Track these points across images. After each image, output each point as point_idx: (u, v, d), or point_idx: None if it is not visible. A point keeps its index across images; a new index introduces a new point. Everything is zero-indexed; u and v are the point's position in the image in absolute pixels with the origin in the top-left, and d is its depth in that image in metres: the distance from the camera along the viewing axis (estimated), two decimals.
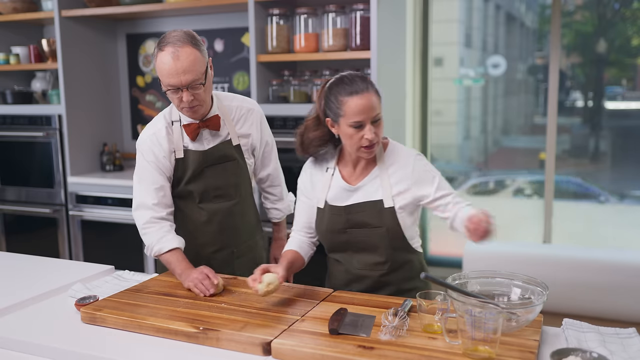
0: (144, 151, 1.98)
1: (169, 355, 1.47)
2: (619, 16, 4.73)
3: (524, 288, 1.58)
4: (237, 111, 2.07)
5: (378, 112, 1.70)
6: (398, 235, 1.78)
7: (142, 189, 1.97)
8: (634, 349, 1.40)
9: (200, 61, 1.83)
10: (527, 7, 6.19)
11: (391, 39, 3.30)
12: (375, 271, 1.82)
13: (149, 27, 4.10)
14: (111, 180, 3.71)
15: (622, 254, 3.65)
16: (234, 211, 2.07)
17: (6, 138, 4.01)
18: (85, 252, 3.87)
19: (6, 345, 1.59)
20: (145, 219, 1.94)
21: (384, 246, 1.79)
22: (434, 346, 1.39)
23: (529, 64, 5.73)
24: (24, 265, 2.24)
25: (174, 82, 1.81)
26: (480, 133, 6.04)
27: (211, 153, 2.00)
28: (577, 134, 5.16)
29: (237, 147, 2.05)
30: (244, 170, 2.09)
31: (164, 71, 1.81)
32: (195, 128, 1.96)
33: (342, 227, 1.80)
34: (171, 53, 1.79)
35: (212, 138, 2.01)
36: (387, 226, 1.76)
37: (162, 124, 2.00)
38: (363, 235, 1.79)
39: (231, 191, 2.06)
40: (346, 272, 1.87)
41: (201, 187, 2.01)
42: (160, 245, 1.91)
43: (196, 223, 2.05)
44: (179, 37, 1.81)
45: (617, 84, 5.00)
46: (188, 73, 1.80)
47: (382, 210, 1.76)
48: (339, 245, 1.84)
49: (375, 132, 1.69)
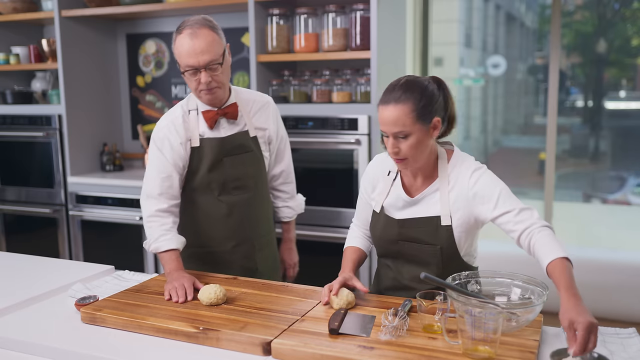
0: (157, 140, 1.99)
1: (169, 355, 1.47)
2: (619, 16, 4.74)
3: (524, 288, 1.58)
4: (254, 104, 2.09)
5: (400, 130, 1.57)
6: (453, 254, 1.68)
7: (149, 178, 1.99)
8: (634, 349, 1.40)
9: (218, 43, 1.88)
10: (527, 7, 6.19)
11: (391, 39, 3.30)
12: (424, 285, 1.66)
13: (149, 27, 4.10)
14: (111, 180, 3.71)
15: (621, 254, 3.65)
16: (253, 203, 2.08)
17: (6, 138, 4.01)
18: (85, 252, 3.87)
19: (6, 345, 1.59)
20: (150, 212, 1.95)
21: (436, 263, 1.69)
22: (434, 346, 1.39)
23: (529, 64, 5.73)
24: (24, 265, 2.24)
25: (192, 62, 1.84)
26: (480, 133, 6.04)
27: (228, 141, 2.01)
28: (577, 134, 5.16)
29: (254, 139, 2.07)
30: (261, 162, 2.10)
31: (183, 52, 1.85)
32: (213, 115, 1.98)
33: (395, 239, 1.73)
34: (189, 35, 1.85)
35: (229, 127, 2.02)
36: (441, 244, 1.66)
37: (179, 112, 2.01)
38: (415, 250, 1.71)
39: (250, 183, 2.07)
40: (394, 280, 1.80)
41: (220, 178, 2.02)
42: (157, 244, 1.92)
43: (216, 217, 2.05)
44: (196, 20, 1.88)
45: (617, 84, 5.00)
46: (206, 53, 1.84)
47: (438, 227, 1.66)
48: (391, 253, 1.78)
49: (398, 146, 1.59)
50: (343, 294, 1.65)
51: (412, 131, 1.57)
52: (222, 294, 1.69)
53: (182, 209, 2.09)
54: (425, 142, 1.61)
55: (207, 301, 1.68)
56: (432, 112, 1.60)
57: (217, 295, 1.68)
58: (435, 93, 1.62)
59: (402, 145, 1.59)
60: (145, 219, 1.98)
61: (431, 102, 1.59)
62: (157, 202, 1.95)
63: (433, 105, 1.60)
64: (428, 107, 1.58)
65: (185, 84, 4.06)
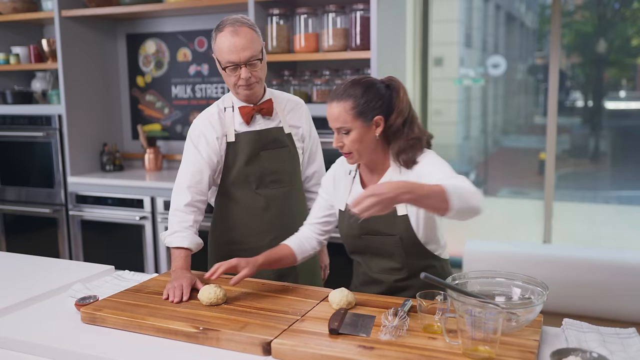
0: (193, 136, 2.04)
1: (169, 355, 1.47)
2: (619, 16, 4.74)
3: (524, 288, 1.58)
4: (288, 103, 2.15)
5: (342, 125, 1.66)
6: (413, 243, 1.74)
7: (182, 171, 2.04)
8: (634, 349, 1.40)
9: (257, 40, 1.95)
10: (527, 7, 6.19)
11: (391, 39, 3.30)
12: (392, 276, 1.79)
13: (149, 27, 4.10)
14: (111, 180, 3.71)
15: (622, 254, 3.65)
16: (290, 197, 2.11)
17: (6, 138, 4.01)
18: (85, 252, 3.87)
19: (6, 345, 1.59)
20: (175, 205, 2.00)
21: (399, 253, 1.76)
22: (434, 346, 1.39)
23: (529, 64, 5.73)
24: (24, 265, 2.24)
25: (233, 58, 1.91)
26: (480, 133, 6.04)
27: (264, 135, 2.05)
28: (577, 134, 5.17)
29: (288, 135, 2.11)
30: (296, 158, 2.14)
31: (224, 48, 1.91)
32: (249, 110, 2.03)
33: (357, 233, 1.79)
34: (230, 32, 1.91)
35: (264, 123, 2.07)
36: (400, 234, 1.72)
37: (215, 109, 2.08)
38: (377, 242, 1.77)
39: (286, 177, 2.10)
40: (364, 274, 1.86)
41: (257, 171, 2.06)
42: (170, 239, 1.95)
43: (254, 210, 2.07)
44: (236, 19, 1.95)
45: (617, 84, 5.00)
46: (247, 49, 1.90)
47: (395, 217, 1.72)
48: (358, 248, 1.83)
49: (342, 141, 1.68)
50: (343, 294, 1.65)
51: (353, 127, 1.66)
52: (222, 294, 1.69)
53: (220, 205, 2.13)
54: (367, 138, 1.68)
55: (206, 301, 1.68)
56: (373, 110, 1.66)
57: (217, 295, 1.68)
58: (380, 93, 1.68)
59: (345, 140, 1.68)
60: (170, 211, 2.02)
61: (373, 100, 1.66)
62: (185, 195, 1.99)
63: (374, 103, 1.66)
64: (369, 104, 1.66)
65: (186, 84, 4.06)
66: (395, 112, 1.69)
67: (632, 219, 4.77)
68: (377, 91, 1.68)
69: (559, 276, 3.57)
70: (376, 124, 1.68)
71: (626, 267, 3.52)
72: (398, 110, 1.69)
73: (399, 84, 1.73)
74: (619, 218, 4.85)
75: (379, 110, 1.67)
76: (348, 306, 1.63)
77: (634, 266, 3.51)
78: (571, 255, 3.66)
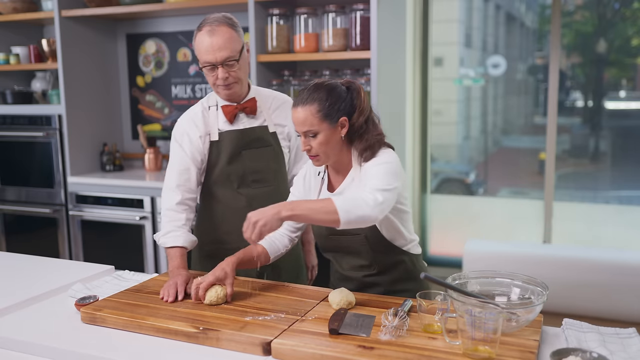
0: (177, 135, 2.06)
1: (169, 355, 1.47)
2: (619, 16, 4.74)
3: (524, 288, 1.58)
4: (274, 101, 2.14)
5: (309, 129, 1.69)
6: (379, 240, 1.77)
7: (169, 171, 2.06)
8: (634, 349, 1.40)
9: (236, 40, 1.93)
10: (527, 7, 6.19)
11: (391, 39, 3.30)
12: (362, 272, 1.83)
13: (149, 27, 4.10)
14: (111, 180, 3.71)
15: (622, 254, 3.65)
16: (273, 197, 2.08)
17: (6, 138, 4.01)
18: (85, 252, 3.87)
19: (6, 345, 1.59)
20: (167, 205, 2.02)
21: (366, 251, 1.79)
22: (434, 346, 1.39)
23: (529, 64, 5.73)
24: (24, 265, 2.24)
25: (209, 58, 1.91)
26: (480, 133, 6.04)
27: (247, 134, 2.05)
28: (577, 134, 5.16)
29: (273, 134, 2.10)
30: (281, 157, 2.13)
31: (202, 49, 1.91)
32: (232, 109, 2.03)
33: (326, 233, 1.82)
34: (208, 32, 1.90)
35: (248, 121, 2.07)
36: (365, 233, 1.75)
37: (199, 108, 2.08)
38: (345, 241, 1.80)
39: (270, 176, 2.10)
40: (337, 272, 1.91)
41: (239, 170, 2.05)
42: (165, 239, 1.97)
43: (236, 210, 2.06)
44: (216, 18, 1.94)
45: (617, 84, 5.00)
46: (223, 50, 1.90)
47: None
48: (328, 247, 1.87)
49: (309, 144, 1.71)
50: (343, 294, 1.65)
51: (320, 130, 1.69)
52: (222, 293, 1.69)
53: (203, 204, 2.14)
54: (333, 140, 1.72)
55: (207, 300, 1.68)
56: (338, 112, 1.70)
57: (218, 294, 1.68)
58: (342, 95, 1.72)
59: (313, 143, 1.71)
60: (162, 211, 2.04)
61: (337, 102, 1.70)
62: (174, 194, 2.01)
63: (338, 105, 1.70)
64: (334, 106, 1.70)
65: (186, 84, 4.06)
66: (357, 112, 1.73)
67: (632, 219, 4.76)
68: (339, 94, 1.72)
69: (559, 276, 3.57)
70: (341, 125, 1.72)
71: (626, 267, 3.52)
72: (360, 109, 1.73)
73: (359, 86, 1.78)
74: (619, 218, 4.84)
75: (343, 112, 1.71)
76: (348, 306, 1.63)
77: (634, 266, 3.51)
78: (571, 255, 3.66)
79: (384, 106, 3.22)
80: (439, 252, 4.53)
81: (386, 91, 3.27)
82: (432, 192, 4.58)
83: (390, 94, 3.39)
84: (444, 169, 5.51)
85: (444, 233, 4.65)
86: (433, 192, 4.71)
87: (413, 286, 1.80)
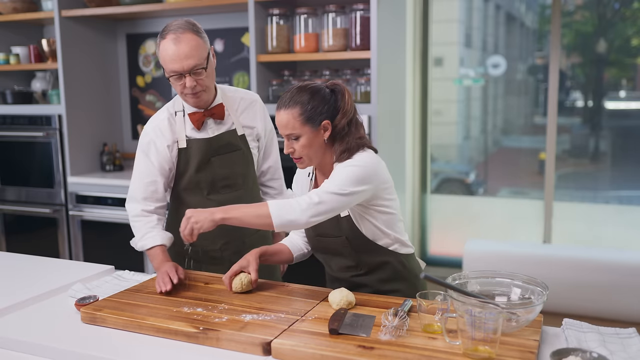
0: (143, 144, 2.01)
1: (169, 355, 1.47)
2: (619, 16, 4.74)
3: (524, 288, 1.58)
4: (242, 102, 2.10)
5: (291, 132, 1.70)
6: (362, 241, 1.77)
7: (134, 182, 2.02)
8: (634, 349, 1.40)
9: (202, 47, 1.88)
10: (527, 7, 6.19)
11: (391, 39, 3.30)
12: (349, 273, 1.84)
13: (149, 27, 4.10)
14: (111, 180, 3.71)
15: (622, 254, 3.65)
16: (243, 201, 2.08)
17: (6, 138, 4.01)
18: (85, 252, 3.87)
19: (6, 345, 1.59)
20: (134, 212, 2.00)
21: (349, 252, 1.79)
22: (434, 346, 1.39)
23: (529, 64, 5.73)
24: (24, 265, 2.24)
25: (176, 67, 1.85)
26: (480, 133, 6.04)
27: (216, 141, 2.02)
28: (577, 134, 5.16)
29: (242, 137, 2.08)
30: (250, 160, 2.11)
31: (167, 57, 1.85)
32: (200, 116, 1.99)
33: (312, 235, 1.84)
34: (172, 40, 1.84)
35: (216, 127, 2.03)
36: (346, 234, 1.76)
37: (165, 114, 2.03)
38: (329, 243, 1.81)
39: (239, 181, 2.08)
40: (327, 273, 1.93)
41: (209, 177, 2.03)
42: (143, 242, 1.96)
43: None
44: (179, 24, 1.87)
45: (617, 84, 5.00)
46: (190, 58, 1.84)
47: (338, 219, 1.75)
48: (317, 249, 1.88)
49: (292, 147, 1.72)
50: (343, 294, 1.65)
51: (302, 133, 1.70)
52: (247, 280, 1.76)
53: (172, 208, 2.12)
54: (316, 143, 1.72)
55: (234, 288, 1.75)
56: (320, 115, 1.70)
57: (242, 282, 1.75)
58: (325, 97, 1.72)
59: (296, 146, 1.72)
60: (130, 219, 2.02)
61: (319, 105, 1.70)
62: (142, 204, 2.00)
63: (321, 108, 1.70)
64: (316, 109, 1.69)
65: None
66: (340, 113, 1.72)
67: (632, 219, 4.76)
68: (323, 96, 1.72)
69: (559, 276, 3.57)
70: (324, 128, 1.71)
71: (626, 267, 3.52)
72: (343, 111, 1.73)
73: (344, 88, 1.77)
74: (619, 218, 4.85)
75: (326, 115, 1.71)
76: (348, 306, 1.63)
77: (634, 266, 3.51)
78: (571, 255, 3.66)
79: (384, 106, 3.22)
80: (439, 252, 4.53)
81: (386, 91, 3.27)
82: (432, 192, 4.59)
83: (390, 94, 3.39)
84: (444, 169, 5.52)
85: (444, 233, 4.66)
86: (433, 192, 4.71)
87: (403, 286, 1.81)
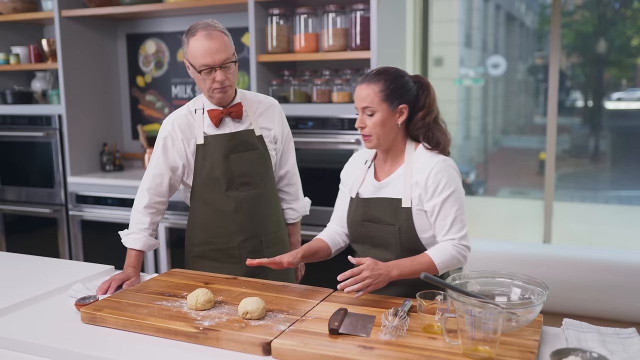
0: (160, 138, 2.08)
1: (169, 355, 1.47)
2: (619, 16, 4.74)
3: (524, 288, 1.58)
4: (260, 105, 2.16)
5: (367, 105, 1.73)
6: (412, 236, 1.77)
7: (146, 173, 2.11)
8: (634, 349, 1.40)
9: (229, 44, 1.99)
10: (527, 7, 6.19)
11: (391, 39, 3.30)
12: None
13: (149, 27, 4.10)
14: (111, 180, 3.71)
15: (622, 254, 3.65)
16: (261, 200, 2.12)
17: (6, 138, 4.01)
18: (85, 252, 3.87)
19: (6, 345, 1.59)
20: (136, 206, 2.10)
21: (396, 245, 1.79)
22: (434, 346, 1.39)
23: (529, 64, 5.73)
24: (24, 265, 2.24)
25: (208, 61, 1.93)
26: (480, 133, 6.04)
27: (234, 138, 2.07)
28: (577, 134, 5.17)
29: (259, 137, 2.12)
30: (268, 160, 2.14)
31: (198, 52, 1.93)
32: (218, 114, 2.05)
33: (360, 219, 1.83)
34: (204, 36, 1.93)
35: (234, 126, 2.09)
36: (400, 225, 1.77)
37: (185, 111, 2.11)
38: (377, 230, 1.81)
39: (257, 179, 2.11)
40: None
41: (227, 174, 2.07)
42: (126, 239, 2.08)
43: (224, 212, 2.09)
44: (208, 23, 1.98)
45: (617, 84, 5.00)
46: (221, 52, 1.93)
47: (398, 209, 1.77)
48: (358, 237, 1.88)
49: (364, 122, 1.75)
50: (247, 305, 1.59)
51: (378, 109, 1.73)
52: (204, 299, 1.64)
53: (193, 205, 2.16)
54: (389, 123, 1.75)
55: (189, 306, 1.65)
56: (400, 98, 1.74)
57: (198, 300, 1.63)
58: (408, 84, 1.77)
59: (368, 122, 1.74)
60: (132, 211, 2.12)
61: (401, 88, 1.74)
62: (144, 196, 2.08)
63: (402, 92, 1.75)
64: (397, 91, 1.73)
65: (186, 84, 4.06)
66: (425, 109, 1.78)
67: (632, 219, 4.76)
68: (406, 82, 1.76)
69: (559, 276, 3.57)
70: (400, 112, 1.75)
71: (626, 267, 3.52)
72: (429, 106, 1.78)
73: (429, 83, 1.81)
74: (619, 218, 4.85)
75: (405, 100, 1.75)
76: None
77: (634, 266, 3.51)
78: (571, 255, 3.66)
79: None
80: None
81: None
82: None
83: None
84: None
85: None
86: None
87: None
